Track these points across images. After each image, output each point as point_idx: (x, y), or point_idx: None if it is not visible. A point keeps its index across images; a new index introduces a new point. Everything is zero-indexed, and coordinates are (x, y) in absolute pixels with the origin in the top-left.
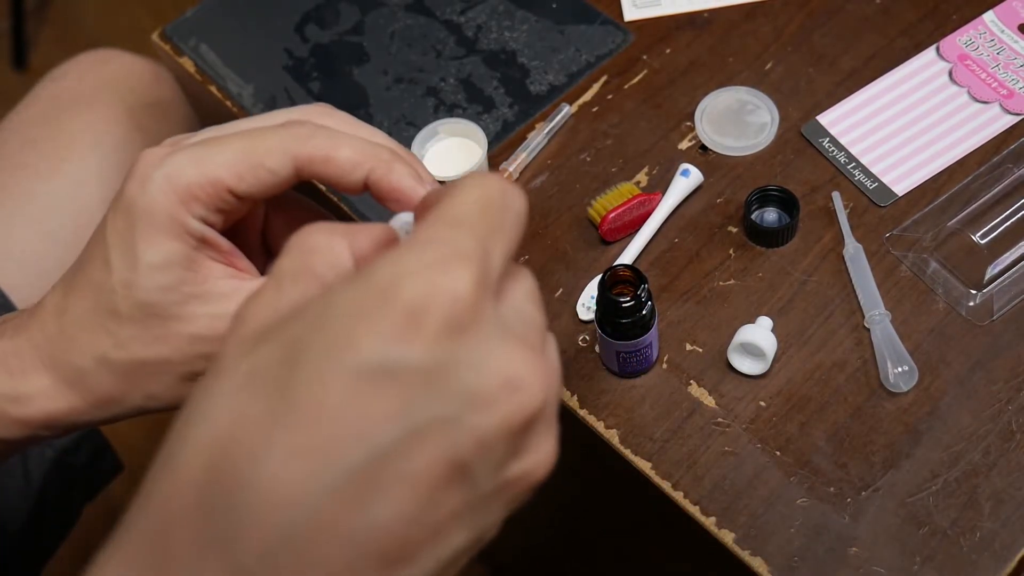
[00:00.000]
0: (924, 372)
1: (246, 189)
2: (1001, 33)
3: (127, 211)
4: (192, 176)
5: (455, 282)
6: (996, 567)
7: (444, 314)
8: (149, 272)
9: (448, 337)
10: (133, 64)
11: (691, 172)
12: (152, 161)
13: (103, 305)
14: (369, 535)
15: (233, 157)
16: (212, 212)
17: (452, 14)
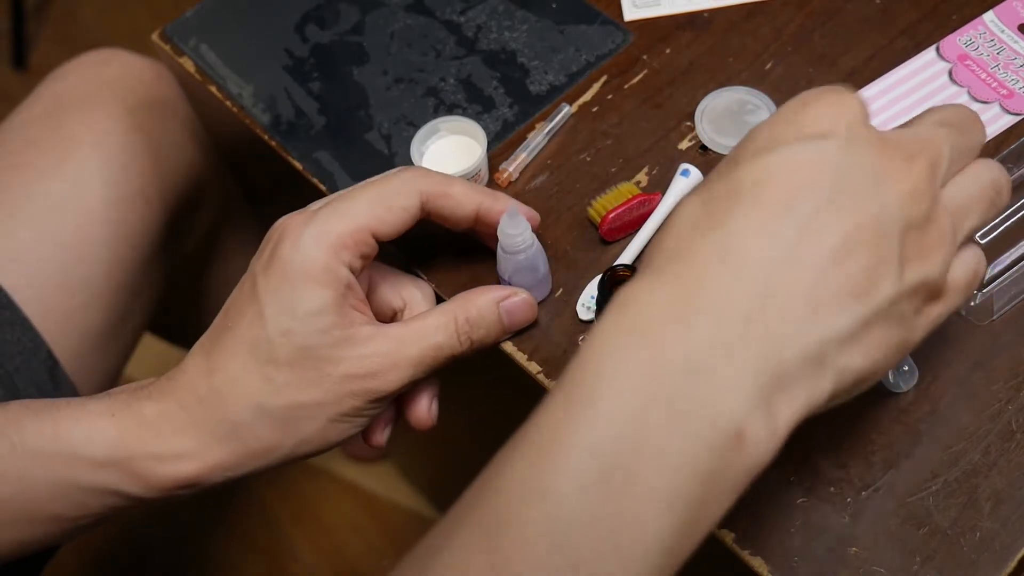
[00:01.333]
0: (924, 372)
1: (386, 229)
2: (1001, 33)
3: (282, 269)
4: (340, 227)
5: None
6: (996, 567)
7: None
8: (307, 318)
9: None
10: (134, 64)
11: (691, 172)
12: (298, 223)
13: (260, 357)
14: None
15: (369, 204)
16: (357, 258)
17: (452, 14)
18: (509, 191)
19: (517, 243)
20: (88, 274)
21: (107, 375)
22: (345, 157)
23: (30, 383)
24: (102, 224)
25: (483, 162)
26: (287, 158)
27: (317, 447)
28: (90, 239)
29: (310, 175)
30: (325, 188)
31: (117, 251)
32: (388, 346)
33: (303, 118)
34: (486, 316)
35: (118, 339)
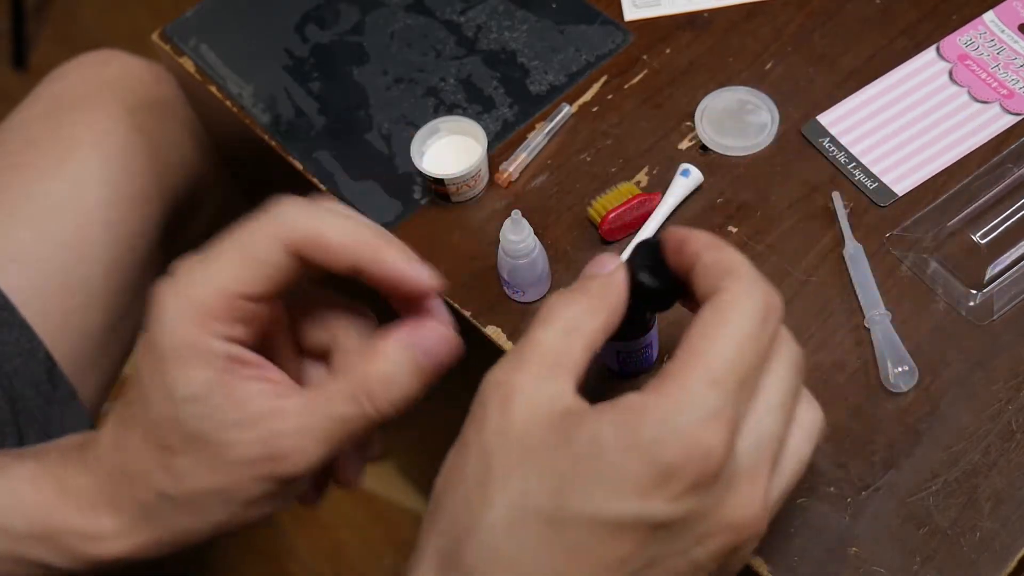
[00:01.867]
0: (924, 372)
1: (256, 289)
2: (1001, 33)
3: (151, 349)
4: (202, 296)
5: (709, 446)
6: (996, 567)
7: (695, 475)
8: (186, 404)
9: (692, 493)
10: (134, 65)
11: (691, 172)
12: (163, 295)
13: (152, 442)
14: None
15: (230, 264)
16: (232, 326)
17: (452, 14)
18: (509, 191)
19: (519, 249)
20: (87, 275)
21: (105, 376)
22: (345, 157)
23: (28, 384)
24: (101, 225)
25: (483, 162)
26: (287, 158)
27: (239, 526)
28: (89, 240)
29: (310, 175)
30: (325, 188)
31: (116, 252)
32: (287, 424)
33: (303, 118)
34: (396, 370)
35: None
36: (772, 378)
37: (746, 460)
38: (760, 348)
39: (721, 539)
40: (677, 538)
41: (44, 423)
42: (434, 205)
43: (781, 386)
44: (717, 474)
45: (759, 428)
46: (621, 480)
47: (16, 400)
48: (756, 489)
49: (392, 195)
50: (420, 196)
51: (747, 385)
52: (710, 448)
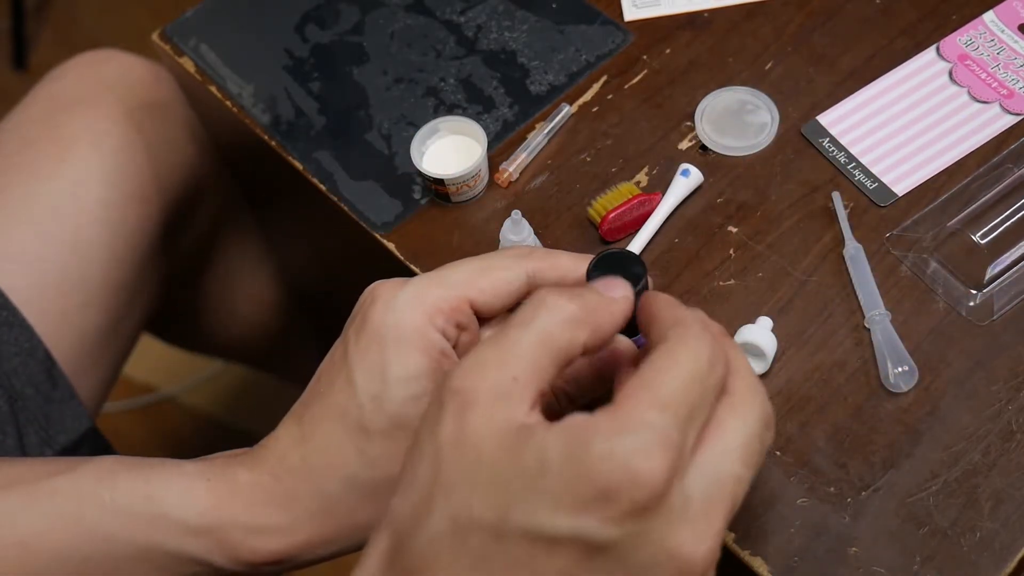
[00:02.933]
0: (924, 372)
1: (486, 299)
2: (1001, 33)
3: (373, 331)
4: (435, 293)
5: (650, 472)
6: (996, 567)
7: (635, 498)
8: (398, 384)
9: (633, 517)
10: (132, 64)
11: (691, 172)
12: (391, 286)
13: (350, 425)
14: None
15: (469, 274)
16: (452, 327)
17: (452, 14)
18: (509, 191)
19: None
20: (86, 274)
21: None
22: (345, 157)
23: (27, 383)
24: (100, 224)
25: (483, 162)
26: (287, 158)
27: None
28: (88, 239)
29: (310, 175)
30: (325, 188)
31: (115, 251)
32: None
33: (303, 118)
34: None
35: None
36: (737, 422)
37: (700, 495)
38: (707, 388)
39: (668, 573)
40: (618, 564)
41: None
42: (434, 205)
43: (745, 431)
44: (656, 502)
45: (717, 467)
46: (561, 497)
47: (16, 399)
48: (709, 527)
49: (392, 195)
50: (420, 196)
51: (694, 419)
52: (649, 474)
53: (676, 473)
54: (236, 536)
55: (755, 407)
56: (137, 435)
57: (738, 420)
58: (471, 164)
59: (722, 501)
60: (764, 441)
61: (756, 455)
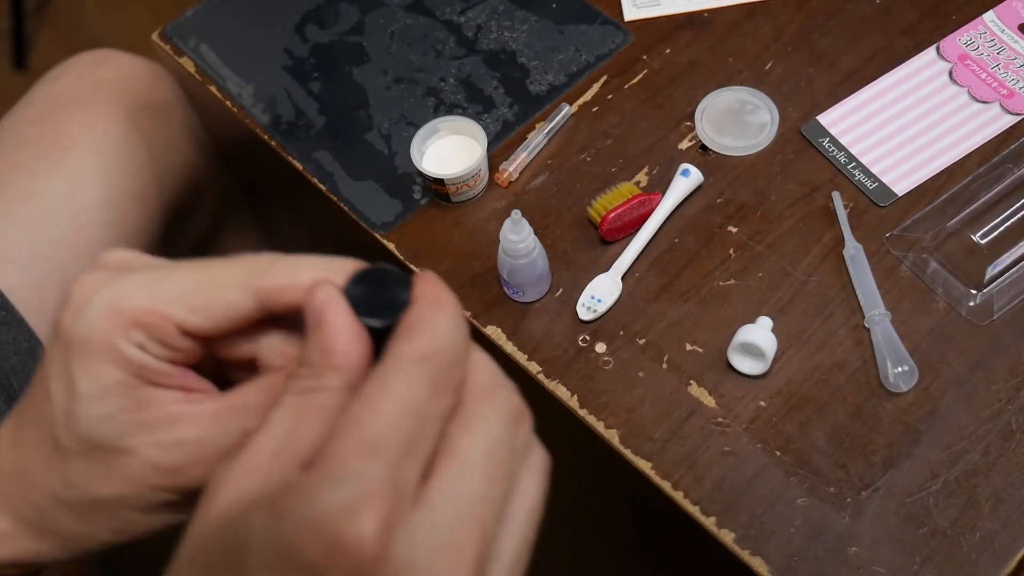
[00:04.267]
0: (924, 372)
1: (198, 324)
2: (1001, 33)
3: (63, 339)
4: (138, 301)
5: (358, 536)
6: (996, 567)
7: (345, 571)
8: (87, 402)
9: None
10: (130, 64)
11: (691, 172)
12: (90, 285)
13: (48, 439)
14: None
15: (187, 286)
16: (155, 344)
17: (452, 14)
18: (509, 191)
19: (519, 249)
20: None
21: None
22: (345, 157)
23: (26, 382)
24: (98, 224)
25: (483, 162)
26: (287, 158)
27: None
28: (86, 239)
29: (310, 175)
30: (325, 188)
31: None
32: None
33: (303, 118)
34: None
35: None
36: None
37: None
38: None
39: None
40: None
41: None
42: (434, 205)
43: (483, 443)
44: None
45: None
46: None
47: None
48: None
49: (392, 195)
50: (420, 196)
51: (413, 455)
52: (357, 539)
53: (393, 525)
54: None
55: (492, 412)
56: None
57: (471, 434)
58: (471, 164)
59: (467, 531)
60: (514, 443)
61: (503, 464)
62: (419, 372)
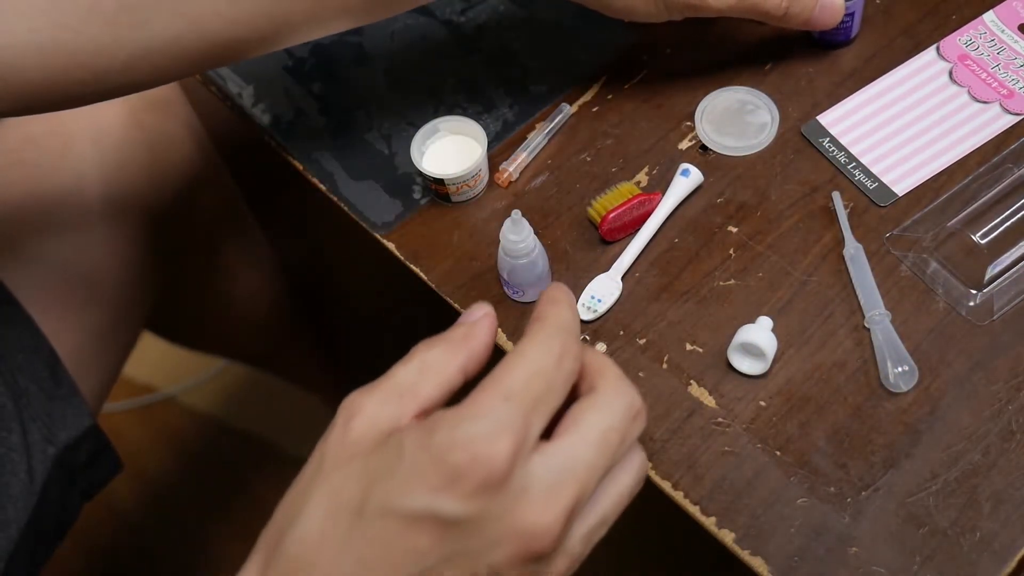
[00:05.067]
0: (924, 372)
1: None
2: (1001, 33)
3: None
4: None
5: (495, 454)
6: (996, 567)
7: (480, 478)
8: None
9: (480, 495)
10: None
11: (691, 172)
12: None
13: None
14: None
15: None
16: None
17: (452, 14)
18: (509, 191)
19: (519, 249)
20: (88, 271)
21: (107, 372)
22: (345, 157)
23: (31, 380)
24: (102, 221)
25: (483, 162)
26: (287, 158)
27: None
28: (90, 236)
29: (310, 175)
30: (325, 188)
31: (116, 248)
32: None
33: (303, 118)
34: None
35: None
36: (596, 415)
37: (545, 477)
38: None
39: (512, 546)
40: (470, 538)
41: (46, 419)
42: (434, 205)
43: (603, 424)
44: (499, 481)
45: (568, 453)
46: (415, 478)
47: (20, 396)
48: (552, 505)
49: (392, 195)
50: (420, 196)
51: (539, 410)
52: (492, 456)
53: (519, 456)
54: None
55: (617, 401)
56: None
57: (597, 414)
58: (471, 164)
59: (569, 483)
60: (629, 433)
61: (615, 445)
62: (548, 347)
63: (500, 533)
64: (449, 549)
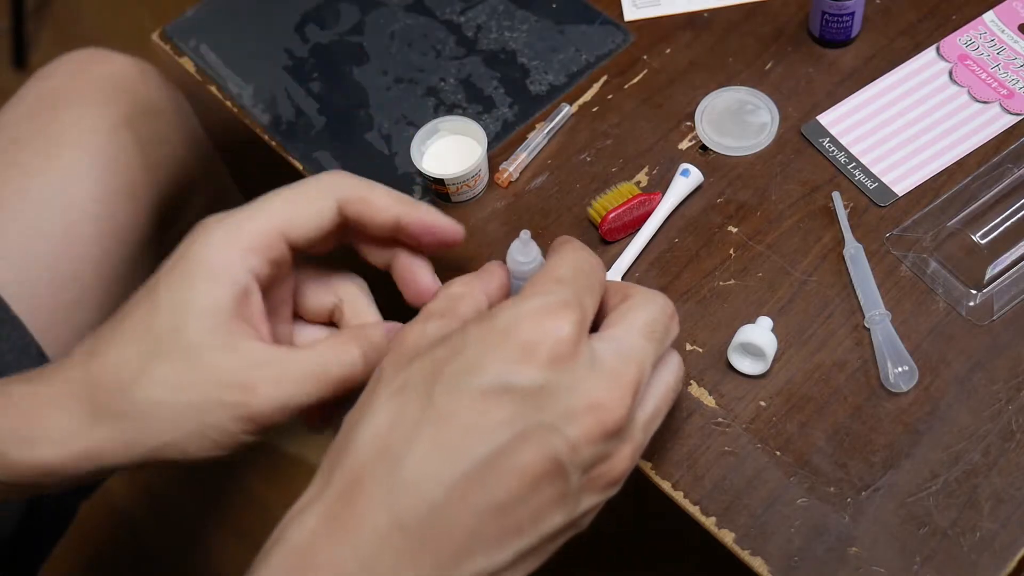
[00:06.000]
0: (924, 372)
1: (298, 233)
2: (1001, 33)
3: (185, 265)
4: (250, 227)
5: (560, 325)
6: (996, 567)
7: (550, 349)
8: (198, 315)
9: (552, 366)
10: (120, 63)
11: (691, 172)
12: (210, 224)
13: (142, 348)
14: (489, 509)
15: (282, 204)
16: (265, 265)
17: (452, 14)
18: (509, 191)
19: (527, 271)
20: (77, 270)
21: None
22: (345, 157)
23: None
24: (91, 220)
25: (483, 162)
26: (287, 158)
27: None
28: (79, 235)
29: (310, 175)
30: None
31: (106, 247)
32: (270, 357)
33: (303, 118)
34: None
35: None
36: (637, 312)
37: (608, 356)
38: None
39: (587, 419)
40: (544, 411)
41: None
42: (434, 205)
43: (646, 316)
44: (570, 352)
45: (622, 337)
46: (485, 355)
47: None
48: (619, 381)
49: None
50: (420, 196)
51: (587, 296)
52: (558, 326)
53: (582, 332)
54: (7, 447)
55: (655, 301)
56: None
57: (640, 310)
58: (471, 164)
59: (631, 363)
60: (668, 329)
61: (660, 335)
62: (582, 251)
63: (574, 405)
64: (524, 423)
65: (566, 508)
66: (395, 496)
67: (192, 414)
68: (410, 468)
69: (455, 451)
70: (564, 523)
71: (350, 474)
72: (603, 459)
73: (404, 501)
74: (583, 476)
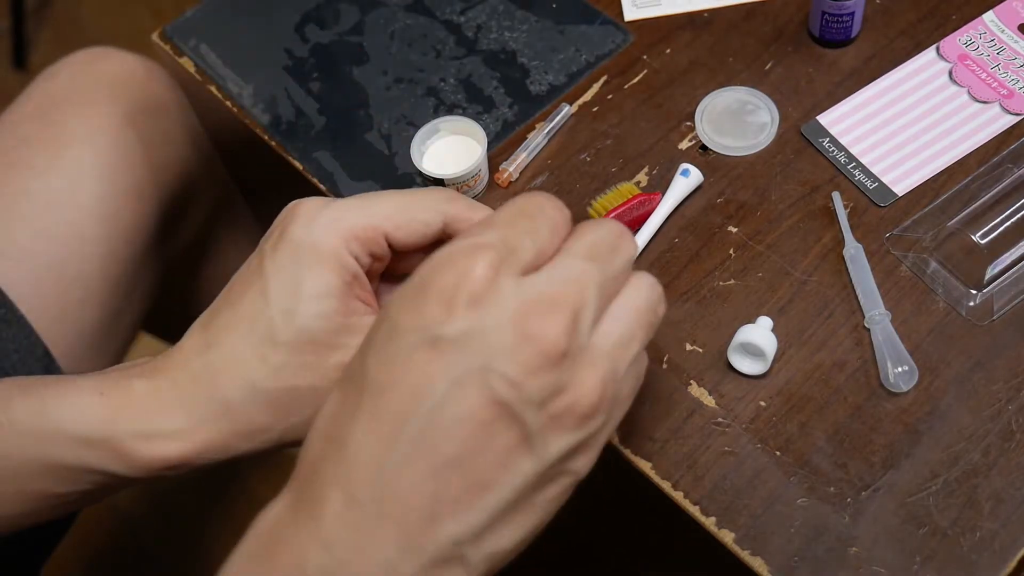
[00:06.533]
0: (924, 372)
1: (401, 238)
2: (1001, 33)
3: (292, 247)
4: (356, 219)
5: (471, 265)
6: (996, 567)
7: (467, 291)
8: (310, 300)
9: (473, 308)
10: (126, 61)
11: (691, 172)
12: (313, 206)
13: (258, 335)
14: (443, 467)
15: (393, 209)
16: (366, 255)
17: (452, 14)
18: (509, 191)
19: None
20: (83, 270)
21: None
22: (345, 157)
23: None
24: (96, 220)
25: (483, 162)
26: (287, 158)
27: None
28: (84, 235)
29: (310, 175)
30: (325, 188)
31: (112, 247)
32: None
33: (303, 118)
34: None
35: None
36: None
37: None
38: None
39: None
40: (473, 355)
41: None
42: None
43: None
44: (486, 291)
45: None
46: (402, 318)
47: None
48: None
49: None
50: None
51: (531, 232)
52: (469, 266)
53: (501, 269)
54: (131, 444)
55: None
56: None
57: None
58: (471, 164)
59: (564, 284)
60: (616, 247)
61: (605, 254)
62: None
63: (504, 340)
64: (457, 371)
65: (532, 452)
66: (345, 473)
67: (316, 397)
68: (355, 443)
69: (394, 416)
70: (537, 469)
71: (308, 465)
72: (559, 391)
73: (354, 476)
74: (540, 412)
